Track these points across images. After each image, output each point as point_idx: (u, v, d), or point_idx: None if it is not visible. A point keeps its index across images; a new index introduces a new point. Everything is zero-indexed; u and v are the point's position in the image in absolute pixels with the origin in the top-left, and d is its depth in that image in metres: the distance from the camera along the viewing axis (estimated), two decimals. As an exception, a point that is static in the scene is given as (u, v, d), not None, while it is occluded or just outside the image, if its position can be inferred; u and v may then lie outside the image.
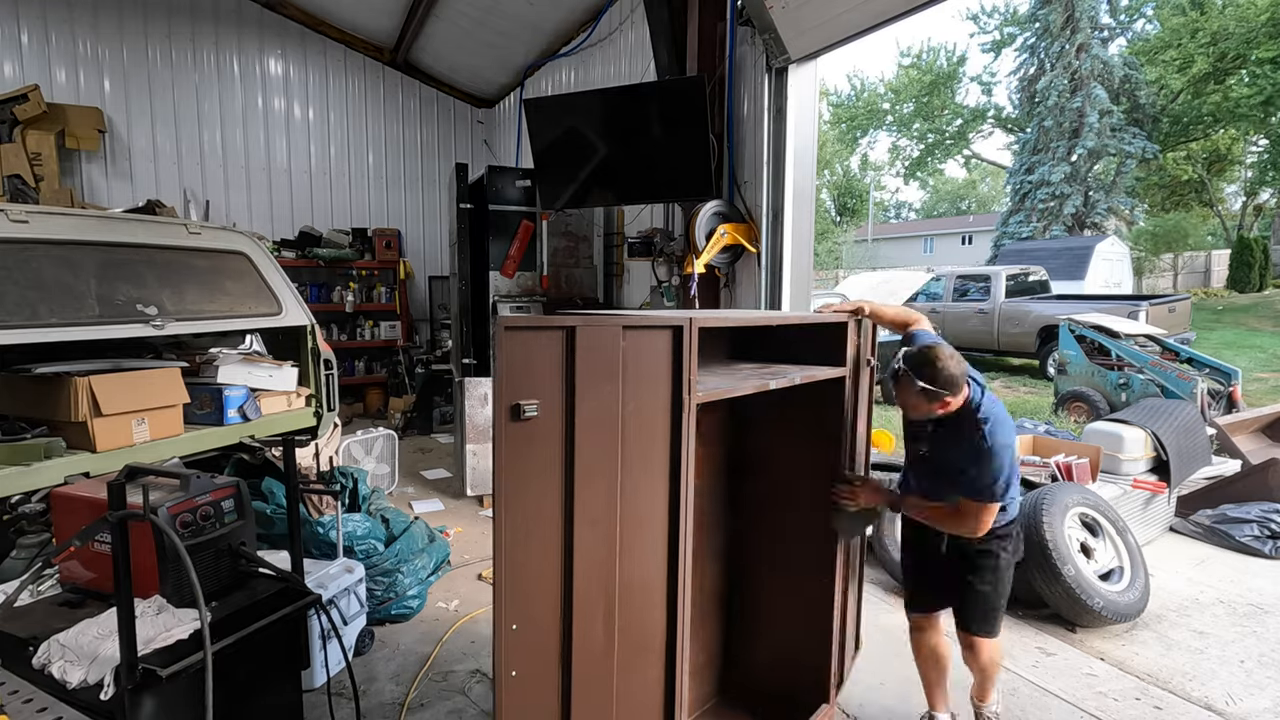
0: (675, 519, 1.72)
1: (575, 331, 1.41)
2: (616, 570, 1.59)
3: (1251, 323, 15.40)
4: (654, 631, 1.74)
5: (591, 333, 1.45)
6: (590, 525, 1.51)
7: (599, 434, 1.50)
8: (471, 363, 5.34)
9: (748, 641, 2.71)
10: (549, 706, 1.52)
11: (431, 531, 3.76)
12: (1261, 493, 4.55)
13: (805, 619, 2.49)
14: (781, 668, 2.58)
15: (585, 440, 1.46)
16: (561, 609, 1.50)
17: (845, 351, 2.29)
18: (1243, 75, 19.75)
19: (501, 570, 1.37)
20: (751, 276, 4.20)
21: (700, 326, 1.67)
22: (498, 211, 5.27)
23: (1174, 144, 23.14)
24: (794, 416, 2.46)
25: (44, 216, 2.63)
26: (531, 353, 1.37)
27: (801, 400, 2.32)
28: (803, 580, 2.49)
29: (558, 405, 1.42)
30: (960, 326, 12.03)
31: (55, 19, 6.73)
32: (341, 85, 8.24)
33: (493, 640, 1.40)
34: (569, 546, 1.48)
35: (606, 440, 1.52)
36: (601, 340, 1.47)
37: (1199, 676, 2.92)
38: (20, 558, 2.46)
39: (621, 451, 1.55)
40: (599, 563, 1.55)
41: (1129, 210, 22.47)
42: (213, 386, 3.08)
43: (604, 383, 1.49)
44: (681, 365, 1.64)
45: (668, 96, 4.12)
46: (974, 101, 32.25)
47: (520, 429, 1.36)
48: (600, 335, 1.47)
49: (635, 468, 1.60)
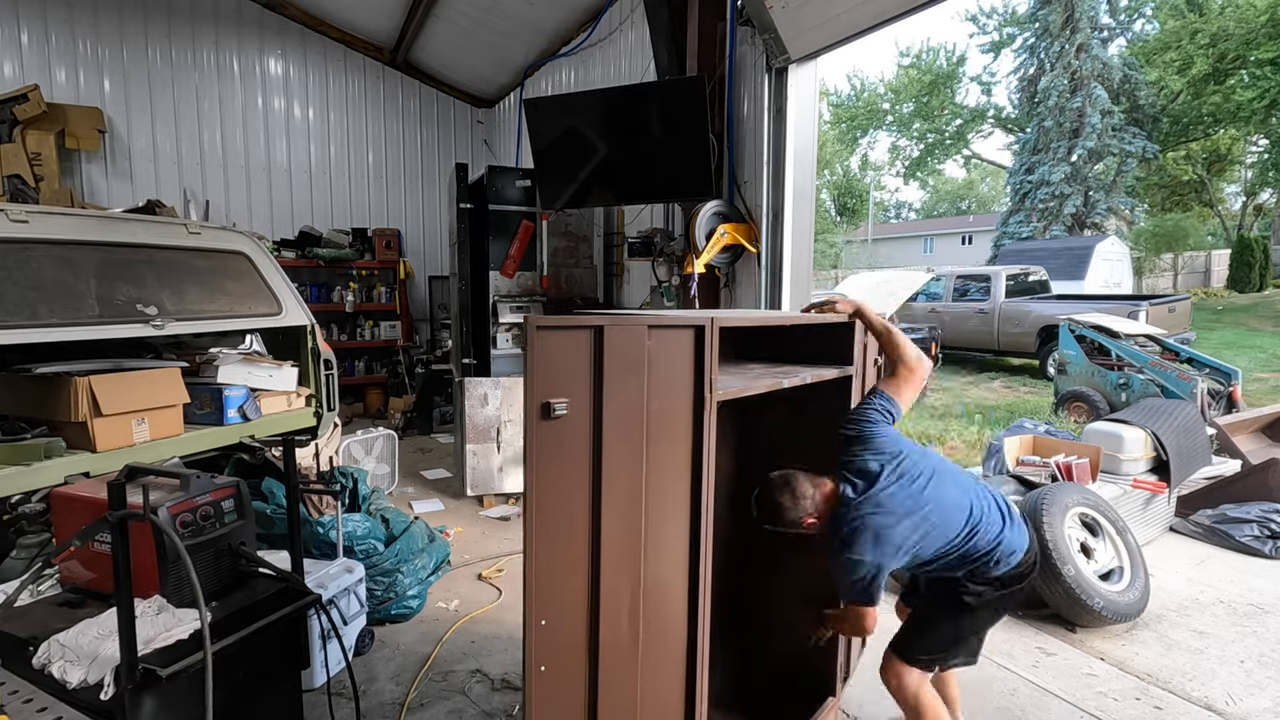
0: (696, 514, 1.74)
1: (604, 331, 1.43)
2: (642, 565, 1.61)
3: (1251, 323, 15.40)
4: (676, 625, 1.77)
5: (619, 332, 1.46)
6: (618, 519, 1.53)
7: (625, 431, 1.52)
8: (471, 363, 5.34)
9: (755, 635, 2.72)
10: (576, 700, 1.53)
11: (431, 531, 3.76)
12: (1261, 493, 4.55)
13: (810, 614, 2.49)
14: (787, 662, 2.58)
15: (612, 437, 1.49)
16: (589, 604, 1.51)
17: (853, 351, 2.29)
18: (1243, 76, 19.74)
19: (532, 566, 1.38)
20: (751, 276, 4.20)
21: (721, 326, 1.69)
22: (498, 211, 5.28)
23: (1174, 144, 23.15)
24: (800, 415, 2.46)
25: (44, 216, 2.63)
26: (561, 352, 1.39)
27: (808, 400, 2.33)
28: (806, 577, 2.49)
29: (586, 403, 1.44)
30: (960, 326, 12.04)
31: (55, 19, 6.73)
32: (341, 85, 8.24)
33: (523, 636, 1.40)
34: (596, 542, 1.50)
35: (633, 437, 1.54)
36: (628, 339, 1.49)
37: (1199, 676, 2.92)
38: (20, 558, 2.46)
39: (646, 449, 1.57)
40: (626, 558, 1.57)
41: (1129, 210, 22.49)
42: (213, 386, 3.08)
43: (630, 381, 1.51)
44: (703, 364, 1.66)
45: (668, 96, 4.12)
46: (974, 101, 32.25)
47: (550, 427, 1.37)
48: (627, 335, 1.48)
49: (660, 464, 1.62)
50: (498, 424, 5.10)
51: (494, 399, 5.12)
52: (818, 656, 2.48)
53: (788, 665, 2.58)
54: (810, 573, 2.46)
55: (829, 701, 2.45)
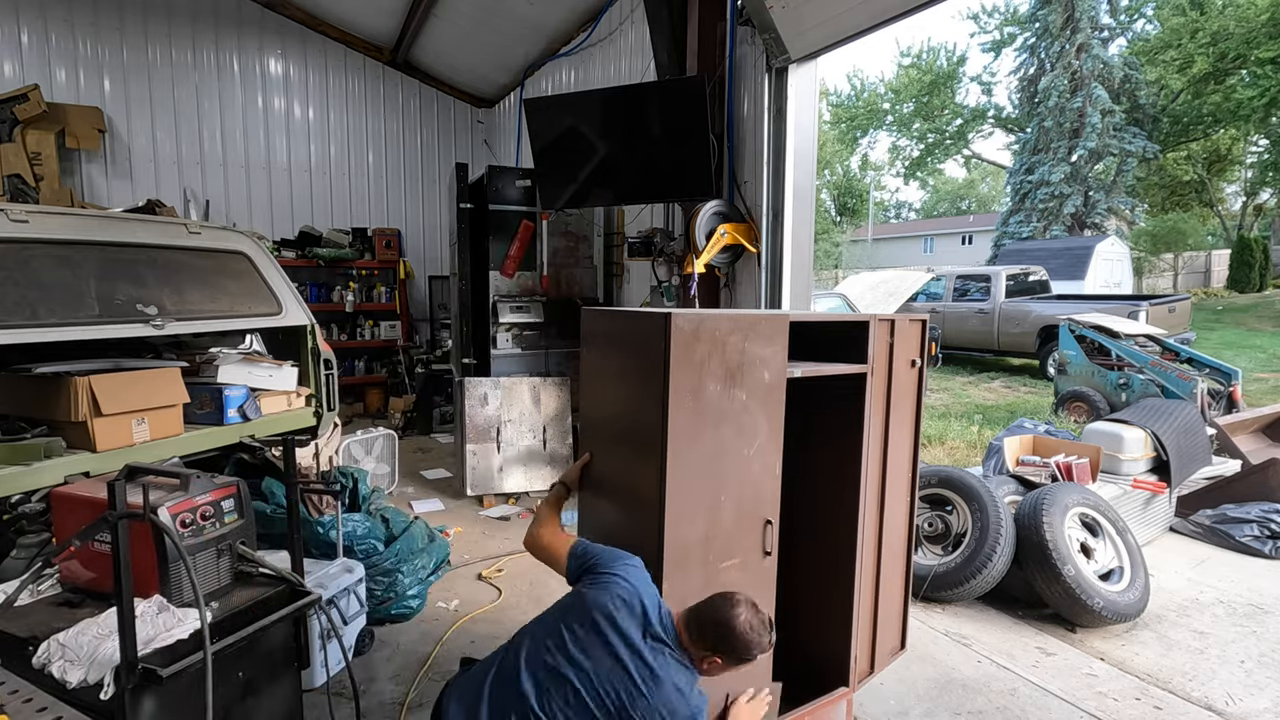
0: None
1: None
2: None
3: (1251, 323, 15.40)
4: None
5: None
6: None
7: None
8: (471, 363, 5.34)
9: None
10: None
11: (431, 531, 3.76)
12: (1261, 493, 4.55)
13: (827, 608, 2.50)
14: (797, 648, 2.57)
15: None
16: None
17: (867, 349, 2.30)
18: (1244, 76, 19.74)
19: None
20: (751, 276, 4.20)
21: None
22: (498, 211, 5.28)
23: (1174, 144, 23.14)
24: (815, 413, 2.47)
25: (44, 216, 2.62)
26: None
27: (823, 396, 2.37)
28: (822, 574, 2.51)
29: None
30: (960, 326, 12.04)
31: (55, 19, 6.73)
32: (341, 85, 8.24)
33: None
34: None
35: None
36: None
37: (1199, 676, 2.93)
38: (20, 558, 2.46)
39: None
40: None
41: (1129, 210, 22.48)
42: (213, 386, 3.08)
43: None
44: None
45: (668, 96, 4.12)
46: (974, 101, 32.23)
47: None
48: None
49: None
50: (498, 424, 5.10)
51: (494, 399, 5.11)
52: (829, 646, 2.49)
53: (799, 651, 2.57)
54: (829, 571, 2.48)
55: (839, 690, 2.44)
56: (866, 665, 2.56)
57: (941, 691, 2.82)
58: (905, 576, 2.71)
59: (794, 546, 2.58)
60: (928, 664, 3.01)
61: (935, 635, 3.25)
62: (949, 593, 3.43)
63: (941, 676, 2.93)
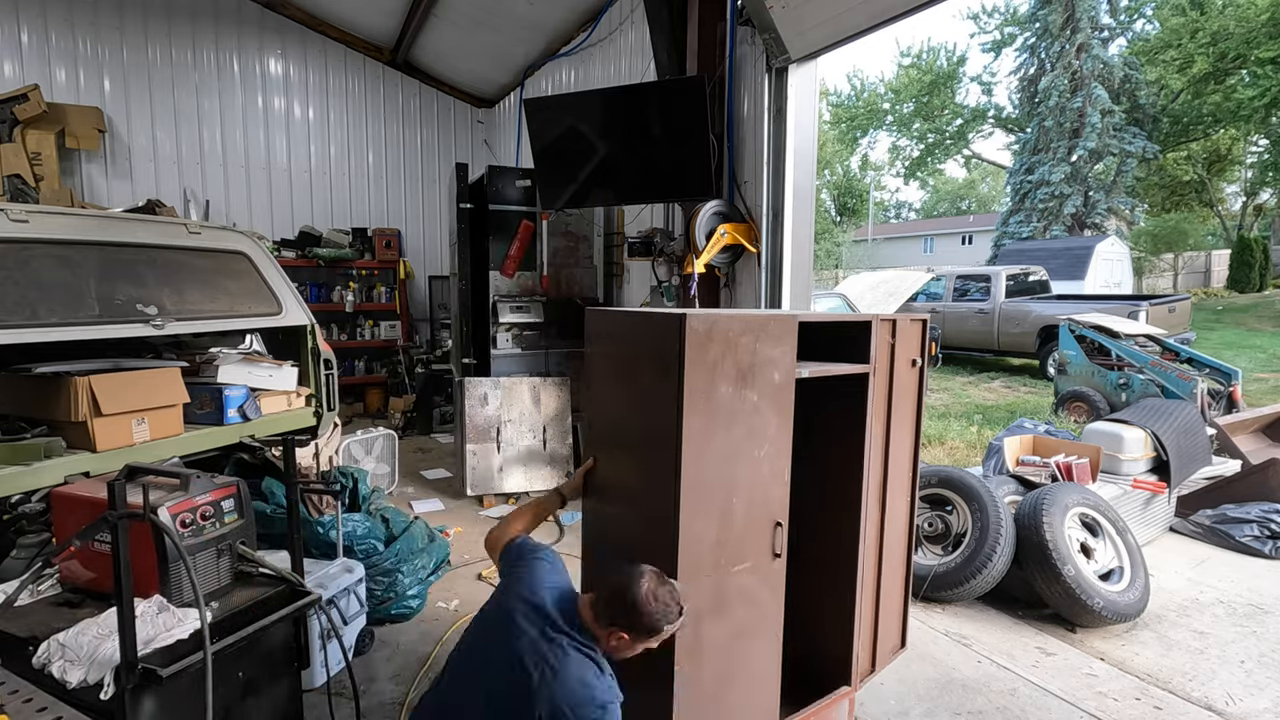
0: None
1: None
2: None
3: (1251, 323, 15.40)
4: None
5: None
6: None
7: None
8: (471, 362, 5.34)
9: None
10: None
11: (431, 531, 3.76)
12: (1261, 493, 4.55)
13: (828, 607, 2.50)
14: (800, 647, 2.57)
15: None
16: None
17: (870, 348, 2.31)
18: (1244, 76, 19.73)
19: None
20: (751, 276, 4.20)
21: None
22: (498, 211, 5.28)
23: (1174, 144, 23.14)
24: (816, 413, 2.46)
25: (44, 216, 2.62)
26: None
27: (824, 396, 2.37)
28: (824, 572, 2.50)
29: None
30: (960, 326, 12.04)
31: (55, 19, 6.72)
32: (341, 85, 8.23)
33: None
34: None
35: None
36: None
37: (1199, 676, 2.93)
38: (20, 558, 2.46)
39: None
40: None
41: (1129, 210, 22.47)
42: (213, 386, 3.08)
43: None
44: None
45: (668, 96, 4.12)
46: (974, 101, 32.20)
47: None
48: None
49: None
50: (498, 424, 5.10)
51: (494, 399, 5.11)
52: (831, 645, 2.49)
53: (801, 650, 2.57)
54: (831, 570, 2.48)
55: (841, 689, 2.44)
56: (868, 664, 2.56)
57: (942, 691, 2.82)
58: (906, 575, 2.71)
59: (796, 546, 2.57)
60: (928, 664, 3.01)
61: (935, 635, 3.25)
62: (949, 593, 3.43)
63: (942, 676, 2.93)
